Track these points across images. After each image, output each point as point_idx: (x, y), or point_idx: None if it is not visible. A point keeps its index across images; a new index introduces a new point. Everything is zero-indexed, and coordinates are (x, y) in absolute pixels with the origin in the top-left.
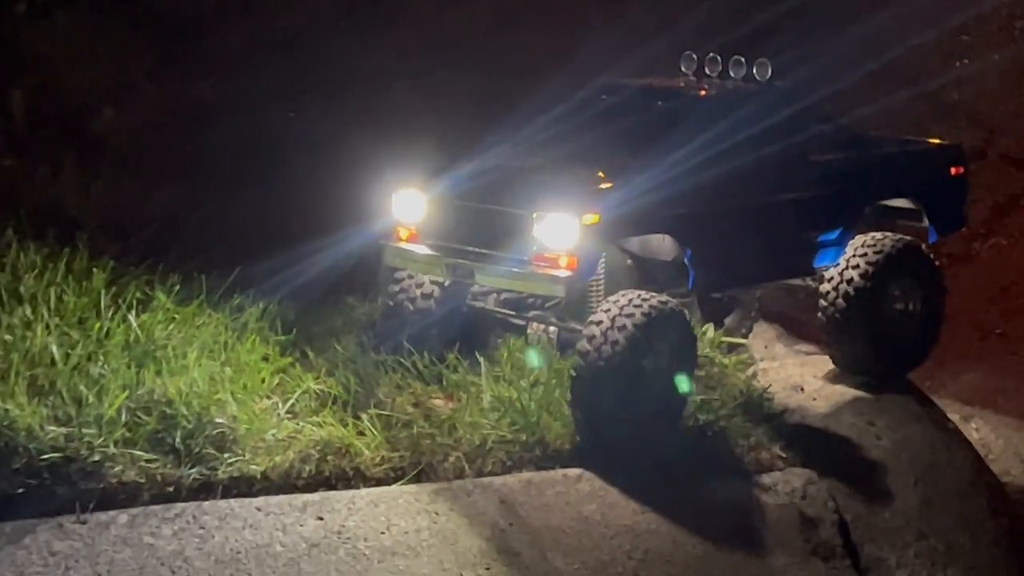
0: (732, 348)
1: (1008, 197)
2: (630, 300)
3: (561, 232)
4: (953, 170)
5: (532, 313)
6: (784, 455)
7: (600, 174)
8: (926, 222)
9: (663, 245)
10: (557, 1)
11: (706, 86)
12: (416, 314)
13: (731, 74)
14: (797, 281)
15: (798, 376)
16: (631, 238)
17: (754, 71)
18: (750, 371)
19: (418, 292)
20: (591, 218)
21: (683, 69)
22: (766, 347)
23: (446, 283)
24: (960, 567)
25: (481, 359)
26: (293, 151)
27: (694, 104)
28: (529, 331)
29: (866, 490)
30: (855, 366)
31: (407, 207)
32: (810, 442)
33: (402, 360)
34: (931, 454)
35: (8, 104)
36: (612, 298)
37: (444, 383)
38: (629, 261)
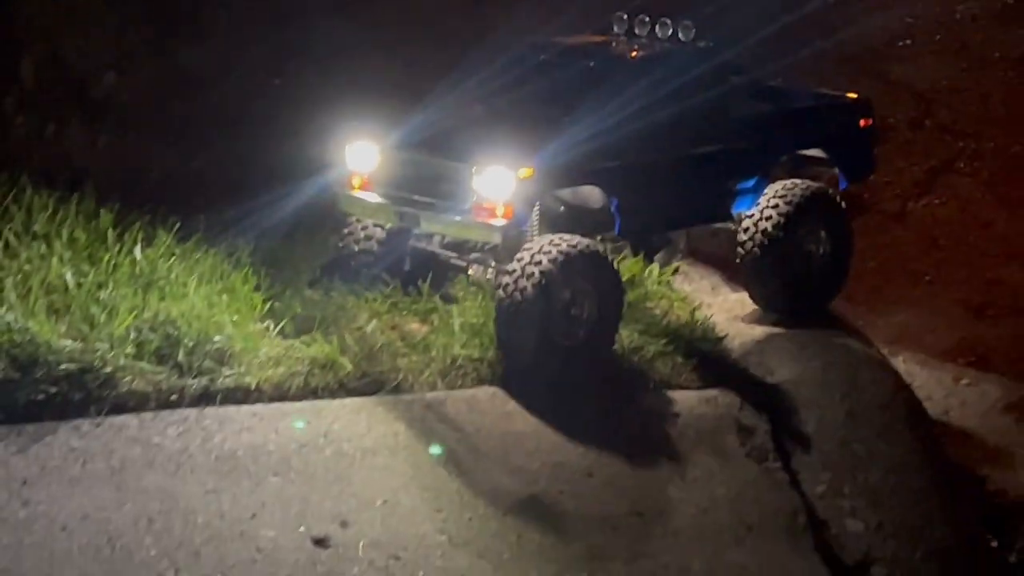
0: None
1: (942, 162)
2: (545, 243)
3: (498, 184)
4: (862, 122)
5: (472, 255)
6: (722, 375)
7: (533, 131)
8: (837, 170)
9: (592, 195)
10: None
11: (634, 46)
12: (360, 255)
13: (657, 34)
14: (718, 225)
15: (739, 310)
16: (562, 189)
17: (679, 32)
18: (695, 304)
19: (363, 235)
20: (525, 171)
21: (614, 29)
22: (712, 289)
23: (388, 227)
24: (880, 470)
25: (451, 291)
26: (276, 112)
27: (621, 63)
28: (470, 271)
29: (797, 403)
30: (770, 304)
31: (360, 158)
32: (746, 364)
33: (383, 291)
34: (856, 374)
35: (18, 70)
36: (532, 242)
37: (414, 311)
38: (561, 209)
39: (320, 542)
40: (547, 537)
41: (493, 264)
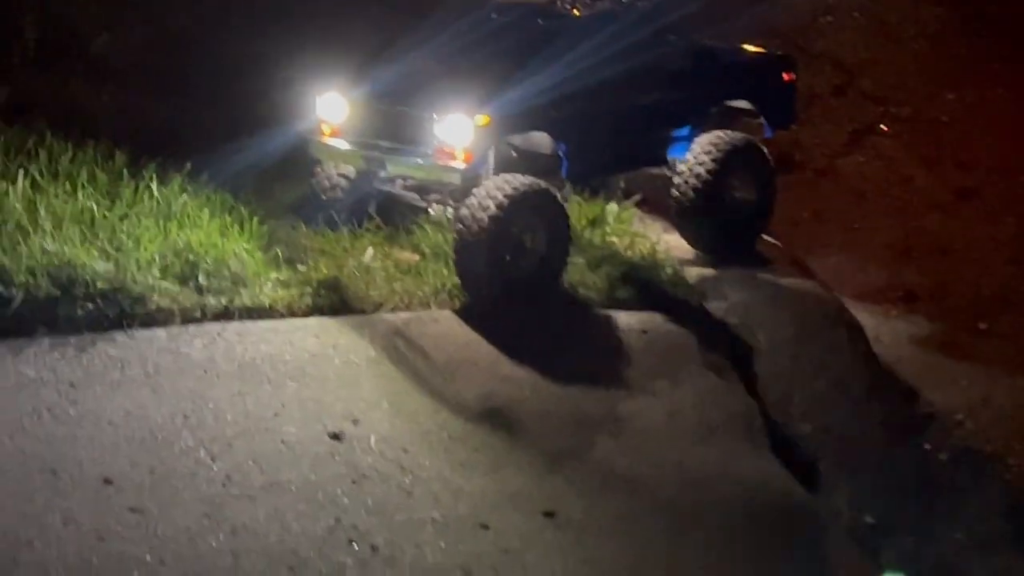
0: None
1: (865, 125)
2: (498, 181)
3: (458, 131)
4: (785, 76)
5: (432, 196)
6: (681, 298)
7: (489, 83)
8: (762, 119)
9: (542, 140)
10: None
11: (579, 6)
12: (330, 197)
13: None
14: (654, 170)
15: (690, 248)
16: (515, 135)
17: None
18: (653, 240)
19: (331, 181)
20: (482, 119)
21: None
22: (664, 230)
23: (356, 173)
24: (825, 380)
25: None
26: (256, 69)
27: (568, 22)
28: (431, 210)
29: (750, 322)
30: (702, 245)
31: (329, 108)
32: (703, 289)
33: (379, 226)
34: (803, 299)
35: (21, 30)
36: (486, 181)
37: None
38: (514, 154)
39: (336, 436)
40: (537, 433)
41: (452, 203)
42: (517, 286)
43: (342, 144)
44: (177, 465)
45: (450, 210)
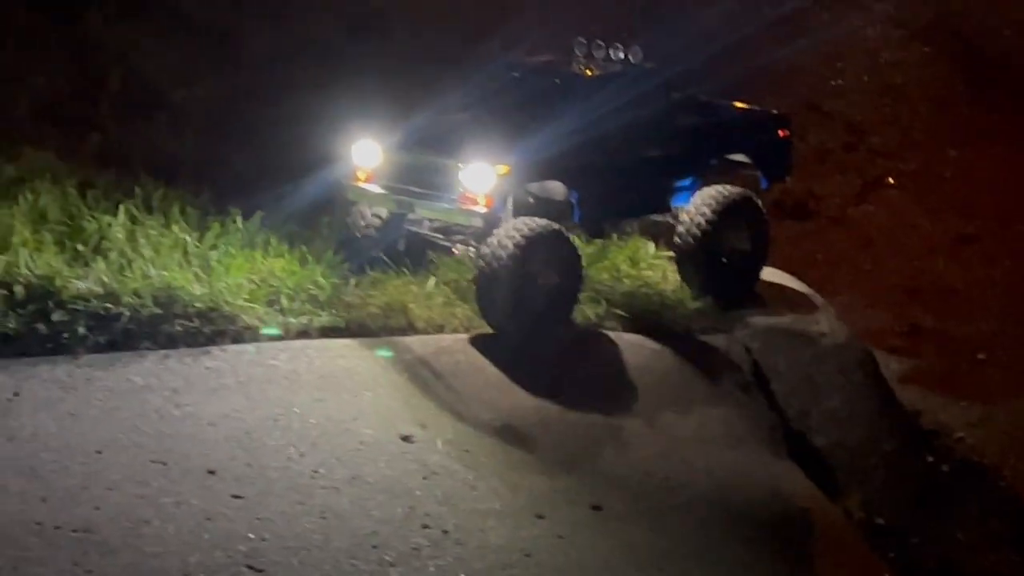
0: None
1: (874, 178)
2: (514, 224)
3: (480, 178)
4: (781, 133)
5: (456, 237)
6: (710, 324)
7: (509, 135)
8: (759, 172)
9: (556, 188)
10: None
11: (591, 66)
12: (364, 236)
13: (611, 56)
14: (658, 217)
15: None
16: (532, 183)
17: (629, 55)
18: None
19: (365, 221)
20: (503, 168)
21: (575, 51)
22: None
23: (387, 214)
24: (838, 398)
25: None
26: (307, 120)
27: (581, 80)
28: (455, 250)
29: (771, 346)
30: (699, 287)
31: (364, 155)
32: (729, 316)
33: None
34: (818, 325)
35: (107, 83)
36: (503, 225)
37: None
38: (530, 199)
39: (406, 438)
40: (584, 439)
41: (473, 244)
42: (533, 318)
43: (375, 188)
44: (270, 460)
45: (471, 250)
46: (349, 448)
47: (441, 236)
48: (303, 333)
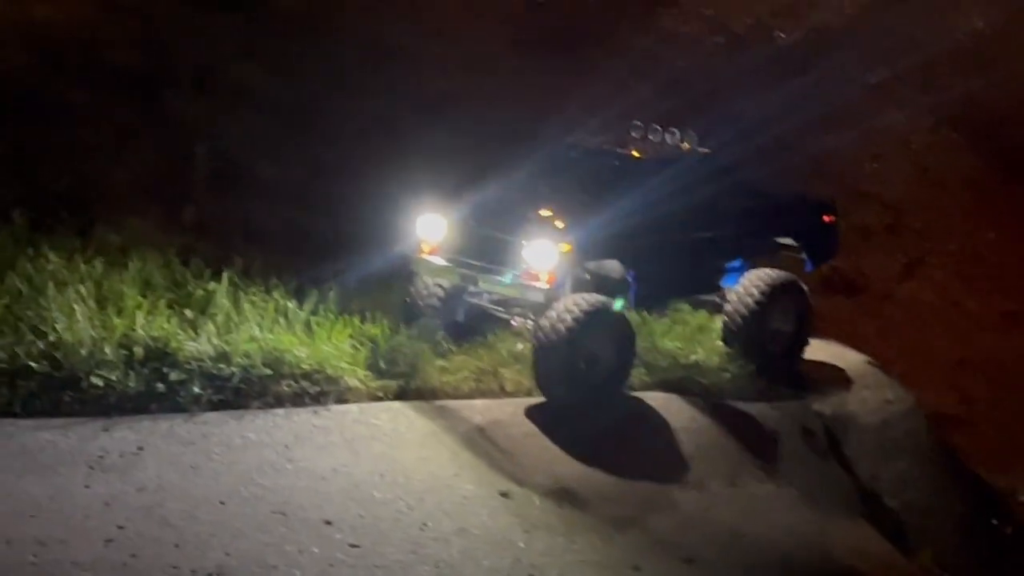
0: None
1: (915, 257)
2: (572, 301)
3: (543, 256)
4: (826, 218)
5: (515, 310)
6: (785, 392)
7: (571, 214)
8: (804, 255)
9: (614, 267)
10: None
11: (647, 149)
12: (426, 306)
13: (667, 140)
14: (707, 296)
15: None
16: (591, 262)
17: (684, 139)
18: None
19: (428, 291)
20: (565, 247)
21: (632, 134)
22: None
23: (449, 285)
24: (907, 462)
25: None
26: (378, 194)
27: (637, 164)
28: (513, 322)
29: (844, 413)
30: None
31: (429, 228)
32: (802, 385)
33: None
34: (885, 393)
35: (196, 159)
36: (562, 300)
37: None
38: (588, 277)
39: (505, 494)
40: (675, 498)
41: (531, 317)
42: (587, 389)
43: (439, 261)
44: (381, 512)
45: (530, 323)
46: (454, 502)
47: (501, 309)
48: (401, 394)
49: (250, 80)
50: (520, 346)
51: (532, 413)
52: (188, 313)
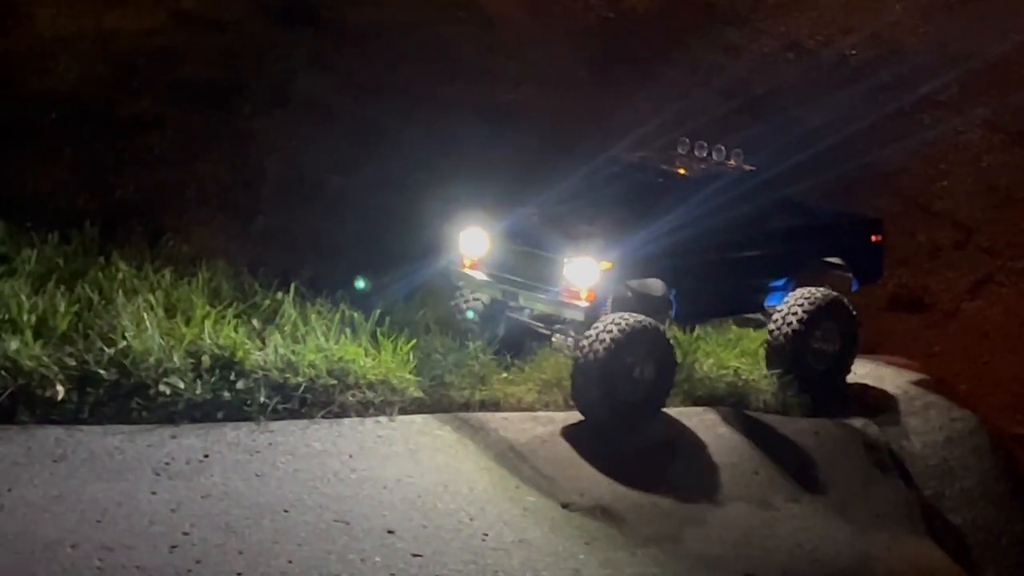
0: None
1: (984, 274)
2: (616, 317)
3: (584, 273)
4: (873, 238)
5: (555, 326)
6: (848, 408)
7: (612, 232)
8: (851, 275)
9: (655, 285)
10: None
11: (691, 166)
12: (466, 320)
13: (712, 157)
14: (751, 315)
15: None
16: (633, 280)
17: (730, 156)
18: None
19: (466, 306)
20: (606, 265)
21: (678, 150)
22: None
23: (489, 300)
24: (971, 480)
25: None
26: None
27: (682, 180)
28: (553, 339)
29: (907, 429)
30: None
31: (471, 242)
32: (864, 402)
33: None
34: (948, 411)
35: (265, 170)
36: (603, 318)
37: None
38: (630, 295)
39: (566, 506)
40: (737, 513)
41: (572, 334)
42: (626, 408)
43: (480, 275)
44: (443, 522)
45: (569, 339)
46: (515, 513)
47: (541, 324)
48: (464, 406)
49: (320, 93)
50: None
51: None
52: (255, 323)
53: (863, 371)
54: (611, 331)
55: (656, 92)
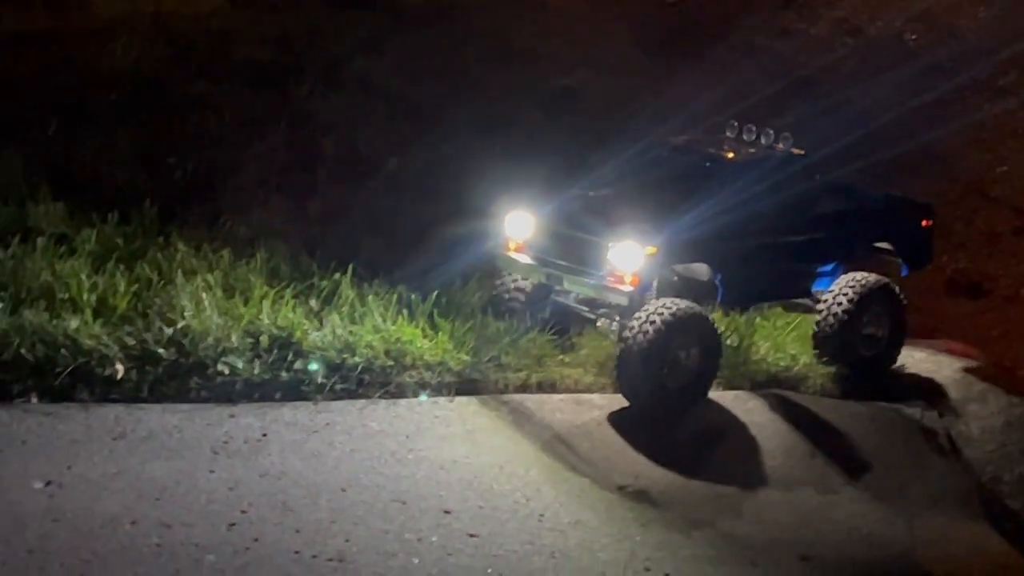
0: None
1: None
2: (663, 303)
3: (629, 258)
4: (924, 222)
5: (600, 310)
6: (905, 393)
7: (657, 216)
8: (900, 260)
9: (701, 270)
10: None
11: (739, 150)
12: (511, 302)
13: (761, 140)
14: (798, 300)
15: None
16: (678, 264)
17: (779, 140)
18: None
19: (513, 287)
20: (651, 249)
21: (726, 133)
22: None
23: (534, 284)
24: None
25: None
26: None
27: (730, 163)
28: (598, 323)
29: (965, 415)
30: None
31: (516, 225)
32: (921, 388)
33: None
34: (1009, 397)
35: (323, 151)
36: (649, 303)
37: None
38: (675, 279)
39: (622, 488)
40: (798, 499)
41: (617, 319)
42: (671, 395)
43: (525, 259)
44: (499, 503)
45: (614, 324)
46: (570, 494)
47: (586, 308)
48: (522, 387)
49: (377, 75)
50: None
51: None
52: (313, 303)
53: (920, 356)
54: (658, 318)
55: (712, 75)
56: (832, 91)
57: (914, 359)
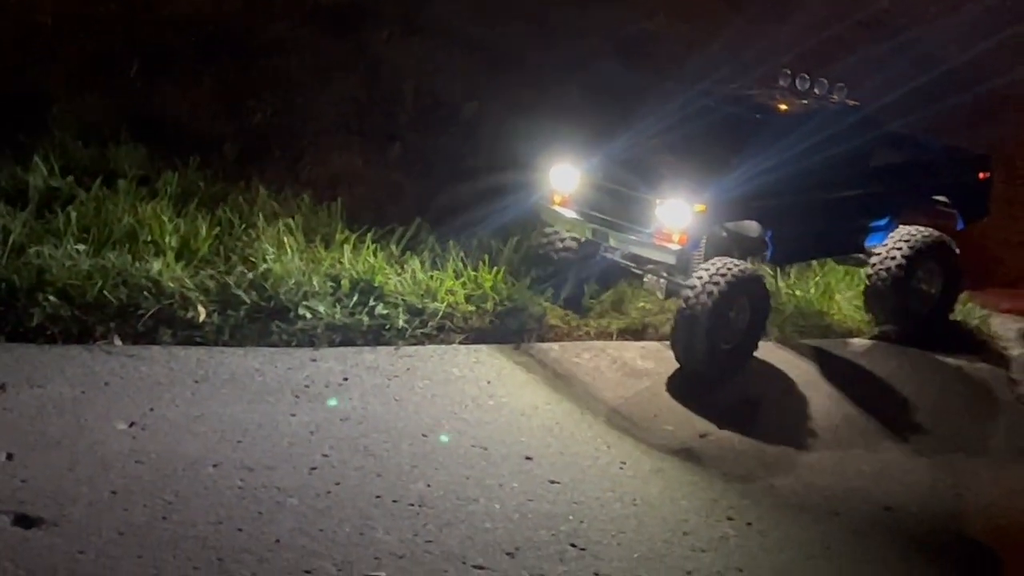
0: None
1: None
2: (723, 265)
3: (677, 215)
4: (981, 175)
5: (648, 266)
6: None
7: (706, 171)
8: (956, 213)
9: (751, 227)
10: None
11: (793, 100)
12: (560, 258)
13: (815, 91)
14: (851, 255)
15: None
16: (727, 221)
17: (832, 91)
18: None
19: (561, 243)
20: (699, 206)
21: (779, 82)
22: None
23: (583, 240)
24: None
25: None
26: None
27: (782, 115)
28: (645, 280)
29: None
30: (886, 322)
31: (562, 179)
32: (1003, 344)
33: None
34: None
35: (404, 96)
36: (709, 262)
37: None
38: (724, 235)
39: (704, 436)
40: (884, 445)
41: (664, 275)
42: (722, 356)
43: (570, 213)
44: (580, 449)
45: (661, 280)
46: (652, 442)
47: (634, 264)
48: (603, 334)
49: (455, 20)
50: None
51: None
52: (393, 248)
53: (1008, 306)
54: (721, 278)
55: (789, 20)
56: (909, 38)
57: (1000, 308)
